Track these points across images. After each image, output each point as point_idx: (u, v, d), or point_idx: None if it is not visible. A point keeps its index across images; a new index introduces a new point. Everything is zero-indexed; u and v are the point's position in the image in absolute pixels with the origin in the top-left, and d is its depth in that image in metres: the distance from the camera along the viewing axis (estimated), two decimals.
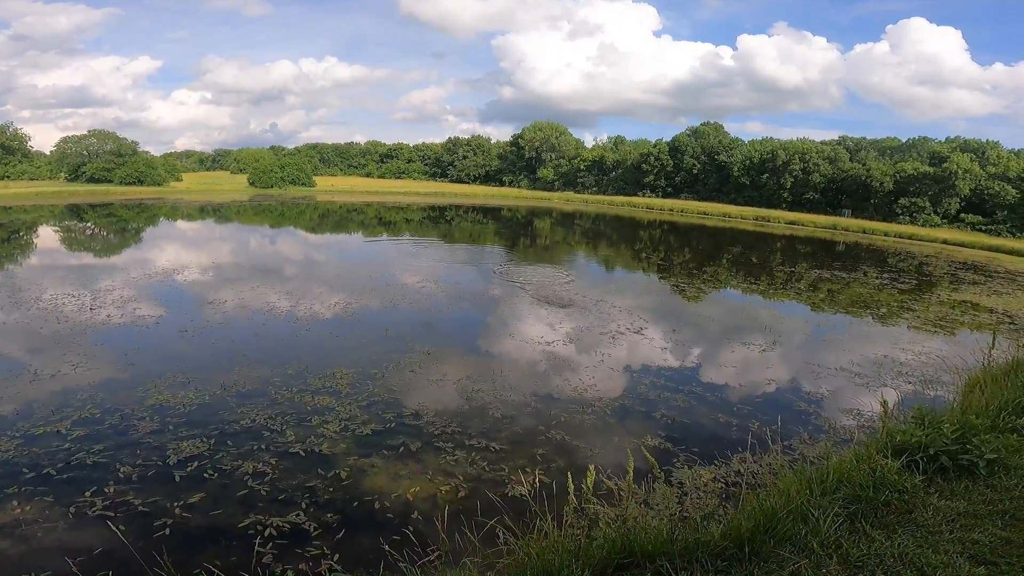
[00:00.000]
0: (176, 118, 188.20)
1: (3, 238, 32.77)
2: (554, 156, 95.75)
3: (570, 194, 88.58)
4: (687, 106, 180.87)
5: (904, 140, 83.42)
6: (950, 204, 62.52)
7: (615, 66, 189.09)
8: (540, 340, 14.54)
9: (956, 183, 61.09)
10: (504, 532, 5.17)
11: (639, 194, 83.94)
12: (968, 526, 4.65)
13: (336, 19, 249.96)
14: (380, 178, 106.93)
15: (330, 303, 17.71)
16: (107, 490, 7.33)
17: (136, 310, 15.92)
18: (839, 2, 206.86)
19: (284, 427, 9.19)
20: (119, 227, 41.48)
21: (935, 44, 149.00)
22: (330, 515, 7.03)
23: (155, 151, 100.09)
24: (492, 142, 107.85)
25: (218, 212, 54.36)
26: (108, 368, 11.58)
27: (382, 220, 53.04)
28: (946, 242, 49.38)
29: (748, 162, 77.08)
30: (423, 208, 66.53)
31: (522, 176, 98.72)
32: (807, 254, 40.04)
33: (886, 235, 53.76)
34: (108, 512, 6.89)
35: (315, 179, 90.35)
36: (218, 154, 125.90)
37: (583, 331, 15.59)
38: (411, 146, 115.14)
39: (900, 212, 63.85)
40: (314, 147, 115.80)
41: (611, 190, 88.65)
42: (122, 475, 7.69)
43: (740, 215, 64.27)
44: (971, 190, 61.60)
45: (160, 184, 75.23)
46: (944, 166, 61.54)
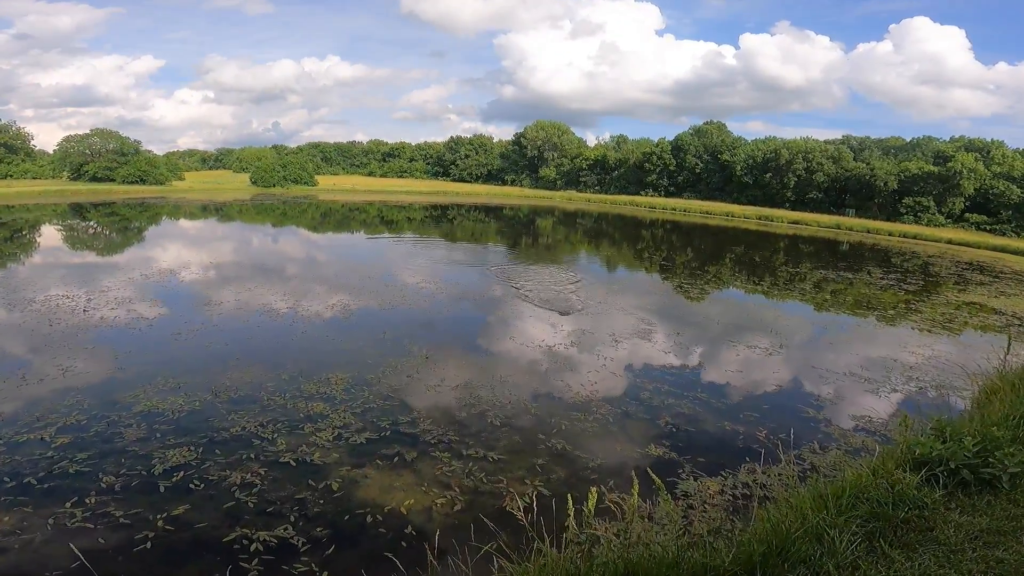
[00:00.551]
0: (179, 117, 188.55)
1: (5, 237, 32.55)
2: (556, 155, 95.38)
3: (572, 193, 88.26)
4: (689, 105, 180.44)
5: (908, 139, 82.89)
6: (954, 204, 62.02)
7: (617, 65, 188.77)
8: (540, 343, 14.24)
9: (960, 183, 60.60)
10: (499, 555, 4.85)
11: (642, 193, 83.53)
12: (991, 543, 4.37)
13: (338, 18, 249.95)
14: (382, 177, 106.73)
15: (328, 304, 17.43)
16: (88, 501, 7.03)
17: (131, 311, 15.64)
18: (842, 1, 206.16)
19: (275, 435, 8.89)
20: (120, 226, 41.26)
21: (938, 43, 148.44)
22: (320, 529, 6.74)
23: (158, 150, 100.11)
24: (494, 141, 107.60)
25: (220, 211, 54.14)
26: (97, 372, 11.29)
27: (384, 219, 52.76)
28: (951, 242, 48.95)
29: (751, 161, 76.64)
30: (425, 207, 66.26)
31: (524, 175, 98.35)
32: (811, 254, 39.68)
33: (890, 235, 53.36)
34: (88, 524, 6.60)
35: (317, 178, 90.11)
36: (220, 153, 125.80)
37: (584, 334, 15.27)
38: (413, 145, 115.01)
39: (904, 212, 63.40)
40: (316, 146, 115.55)
41: (613, 189, 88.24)
42: (105, 485, 7.40)
43: (743, 214, 63.87)
44: (976, 190, 61.11)
45: (162, 183, 75.09)
46: (948, 165, 61.05)
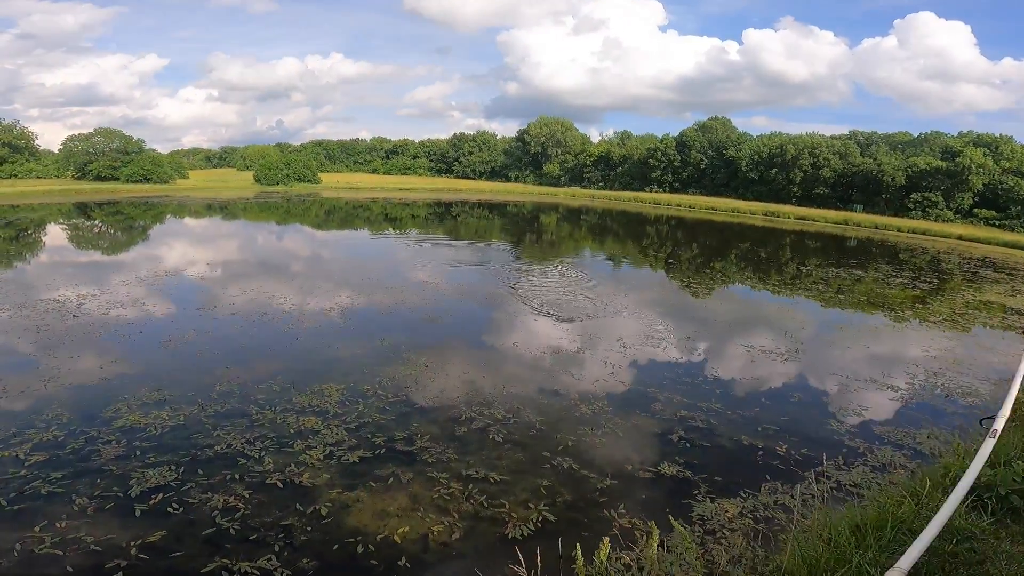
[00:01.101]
0: (183, 116, 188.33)
1: (11, 236, 32.11)
2: (560, 151, 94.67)
3: (576, 189, 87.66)
4: (693, 101, 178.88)
5: (916, 135, 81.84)
6: (963, 199, 61.19)
7: (620, 61, 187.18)
8: (545, 351, 13.66)
9: (969, 178, 59.78)
10: None
11: (646, 189, 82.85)
12: None
13: (341, 15, 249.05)
14: (386, 174, 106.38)
15: (326, 308, 16.92)
16: (59, 525, 6.57)
17: (121, 317, 15.16)
18: None
19: (263, 453, 8.37)
20: (124, 225, 40.84)
21: (943, 38, 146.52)
22: (306, 560, 6.23)
23: (162, 148, 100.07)
24: (498, 137, 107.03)
25: (223, 210, 53.75)
26: (81, 383, 10.77)
27: (388, 216, 52.20)
28: (960, 238, 48.17)
29: (756, 157, 75.87)
30: (428, 204, 65.80)
31: (528, 172, 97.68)
32: (818, 250, 39.02)
33: (899, 230, 52.57)
34: (56, 550, 6.15)
35: (320, 176, 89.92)
36: (225, 151, 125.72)
37: (590, 340, 14.69)
38: (416, 142, 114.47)
39: (912, 207, 62.57)
40: (319, 144, 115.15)
41: (618, 185, 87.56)
42: (77, 508, 6.93)
43: (749, 210, 63.20)
44: (984, 185, 60.30)
45: (166, 181, 75.17)
46: (957, 161, 60.20)
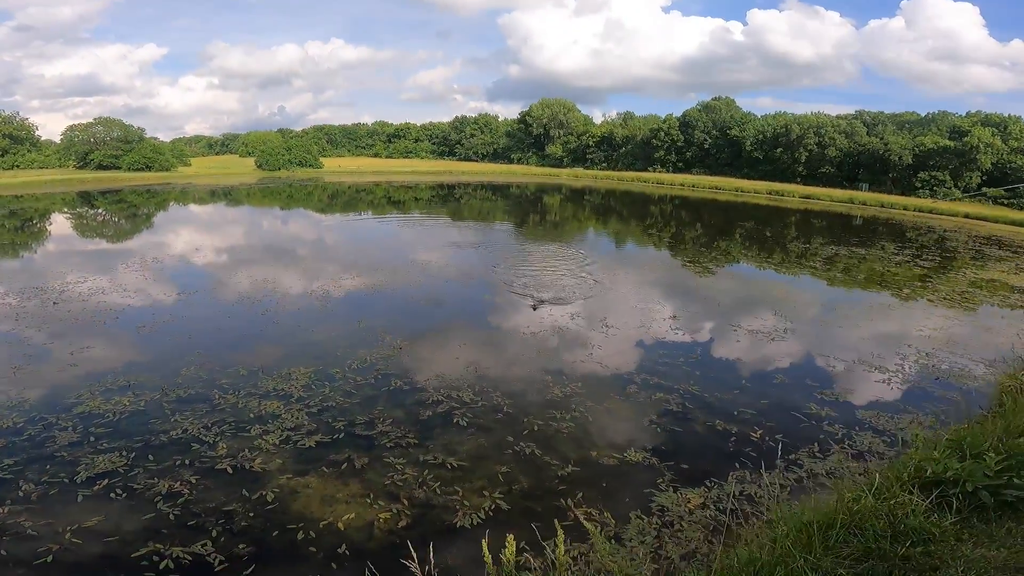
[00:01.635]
0: (184, 104, 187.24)
1: (16, 226, 31.86)
2: (562, 133, 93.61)
3: (579, 170, 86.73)
4: (697, 82, 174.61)
5: (923, 114, 79.93)
6: (971, 178, 59.97)
7: (623, 42, 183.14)
8: (528, 332, 13.28)
9: (978, 157, 58.54)
10: None
11: (649, 169, 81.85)
12: None
13: (340, 1, 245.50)
14: (388, 158, 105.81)
15: (307, 290, 16.62)
16: (1, 510, 6.47)
17: (100, 303, 14.90)
18: None
19: (218, 439, 8.12)
20: (123, 213, 40.62)
21: (951, 20, 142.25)
22: (242, 546, 6.03)
23: (165, 137, 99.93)
24: (500, 120, 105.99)
25: (225, 195, 53.40)
26: (49, 371, 10.57)
27: (391, 200, 51.62)
28: (967, 216, 47.10)
29: (761, 136, 74.61)
30: (431, 187, 65.27)
31: (530, 153, 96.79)
32: (823, 228, 38.25)
33: (905, 209, 51.55)
34: None
35: (322, 160, 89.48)
36: (227, 138, 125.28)
37: (574, 319, 14.31)
38: (418, 125, 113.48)
39: (920, 186, 61.42)
40: (321, 129, 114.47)
41: (621, 166, 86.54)
42: (22, 493, 6.81)
43: (753, 189, 62.21)
44: (993, 164, 59.06)
45: (168, 169, 75.31)
46: (965, 140, 58.97)
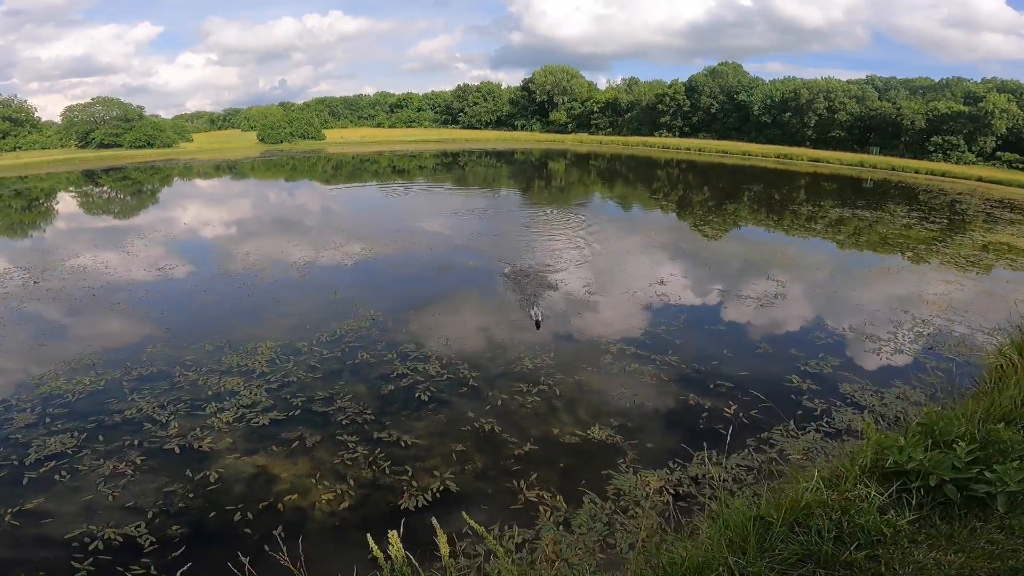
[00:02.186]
0: (184, 81, 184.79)
1: (22, 206, 31.52)
2: (566, 99, 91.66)
3: (584, 136, 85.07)
4: (703, 48, 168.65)
5: (937, 80, 77.29)
6: (986, 142, 58.23)
7: (627, 7, 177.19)
8: (509, 301, 12.84)
9: (992, 122, 56.77)
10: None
11: (655, 134, 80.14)
12: None
13: None
14: (391, 128, 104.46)
15: (286, 262, 16.23)
16: None
17: (80, 281, 14.53)
18: None
19: (171, 417, 7.85)
20: (123, 190, 40.28)
21: None
22: (176, 527, 5.81)
23: (167, 114, 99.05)
24: (503, 87, 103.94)
25: (226, 169, 52.63)
26: (16, 351, 10.35)
27: (395, 168, 50.83)
28: (981, 179, 45.69)
29: (769, 101, 72.63)
30: (435, 155, 64.32)
31: (534, 120, 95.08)
32: (832, 191, 37.19)
33: (917, 172, 50.06)
34: None
35: (325, 132, 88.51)
36: (228, 113, 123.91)
37: (560, 288, 13.80)
38: (420, 95, 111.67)
39: (932, 150, 59.74)
40: (322, 101, 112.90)
41: (626, 131, 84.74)
42: None
43: (761, 153, 60.76)
44: (1008, 129, 57.26)
45: (170, 145, 75.25)
46: (980, 106, 57.18)
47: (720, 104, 77.26)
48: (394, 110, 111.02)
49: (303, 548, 4.70)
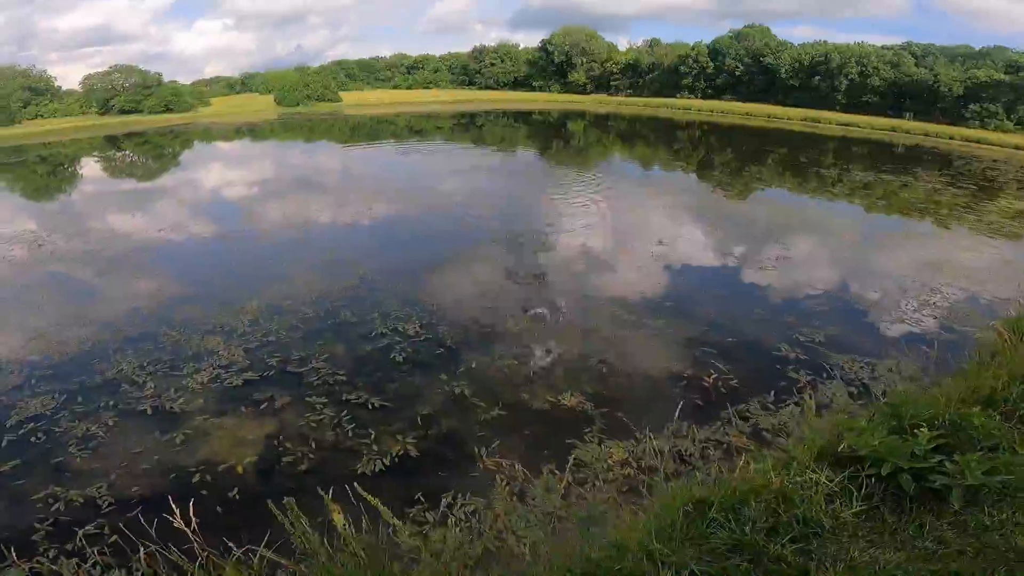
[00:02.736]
0: (201, 47, 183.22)
1: (48, 171, 31.75)
2: (585, 60, 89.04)
3: (603, 96, 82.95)
4: (729, 10, 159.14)
5: (978, 48, 73.18)
6: None
7: None
8: (499, 261, 12.53)
9: None
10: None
11: (677, 96, 77.68)
12: None
13: None
14: (407, 89, 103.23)
15: (286, 221, 16.15)
16: None
17: (83, 244, 14.56)
18: None
19: (148, 378, 7.84)
20: (152, 153, 40.46)
21: None
22: (135, 488, 5.80)
23: (186, 80, 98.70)
24: (520, 48, 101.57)
25: (245, 132, 52.51)
26: (11, 314, 10.39)
27: (412, 129, 50.17)
28: (1018, 148, 43.38)
29: (797, 65, 69.63)
30: (453, 116, 63.38)
31: (552, 81, 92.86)
32: (861, 155, 35.70)
33: (951, 139, 47.76)
34: None
35: (341, 94, 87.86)
36: (246, 78, 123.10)
37: (559, 247, 13.48)
38: (437, 57, 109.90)
39: (969, 117, 56.95)
40: (339, 64, 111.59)
41: (646, 93, 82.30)
42: None
43: (787, 116, 58.59)
44: None
45: (188, 110, 75.85)
46: (1021, 75, 54.27)
47: (745, 67, 74.37)
48: (411, 72, 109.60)
49: (248, 513, 4.64)
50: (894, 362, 7.46)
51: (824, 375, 7.39)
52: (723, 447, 5.71)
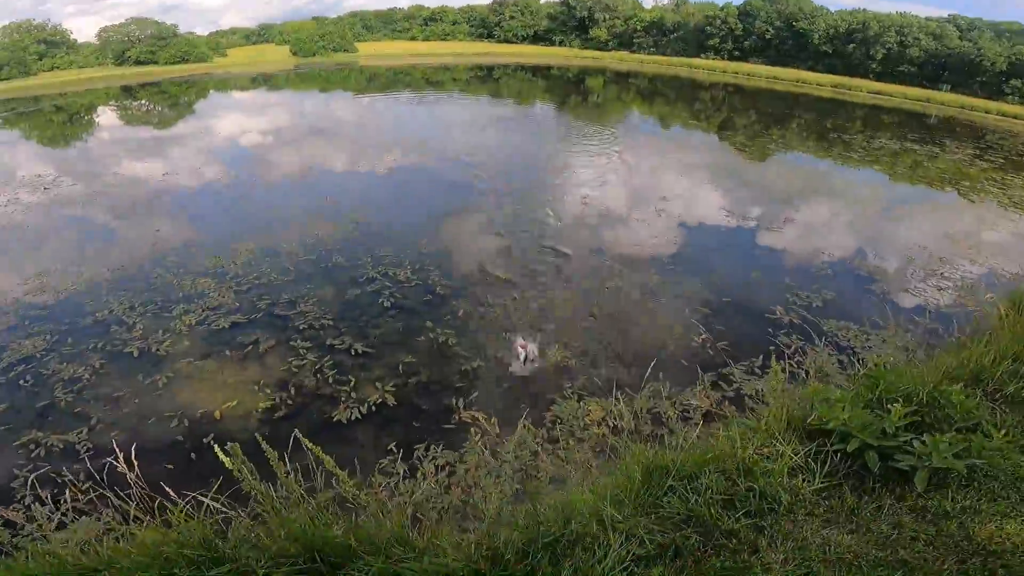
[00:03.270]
0: None
1: (64, 120, 31.55)
2: (608, 16, 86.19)
3: (624, 54, 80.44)
4: None
5: None
6: None
7: None
8: (498, 211, 12.40)
9: None
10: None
11: (701, 56, 75.13)
12: None
13: None
14: (425, 41, 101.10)
15: (292, 167, 16.01)
16: None
17: (87, 188, 14.59)
18: None
19: (138, 320, 7.85)
20: (163, 102, 40.16)
21: None
22: (115, 433, 5.78)
23: (203, 31, 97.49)
24: (541, 2, 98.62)
25: (261, 82, 51.87)
26: (12, 255, 10.42)
27: (428, 80, 49.04)
28: None
29: (832, 31, 66.69)
30: (470, 68, 62.04)
31: (573, 36, 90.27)
32: (891, 124, 34.39)
33: (987, 112, 45.75)
34: None
35: (358, 45, 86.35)
36: (262, 28, 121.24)
37: (562, 200, 13.19)
38: (455, 9, 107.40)
39: (1010, 92, 54.52)
40: (356, 15, 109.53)
41: (670, 52, 79.68)
42: None
43: (816, 81, 56.46)
44: None
45: (204, 61, 75.22)
46: None
47: (776, 30, 71.53)
48: (428, 23, 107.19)
49: (218, 460, 4.60)
50: (888, 332, 7.22)
51: (816, 342, 7.18)
52: (701, 411, 5.57)
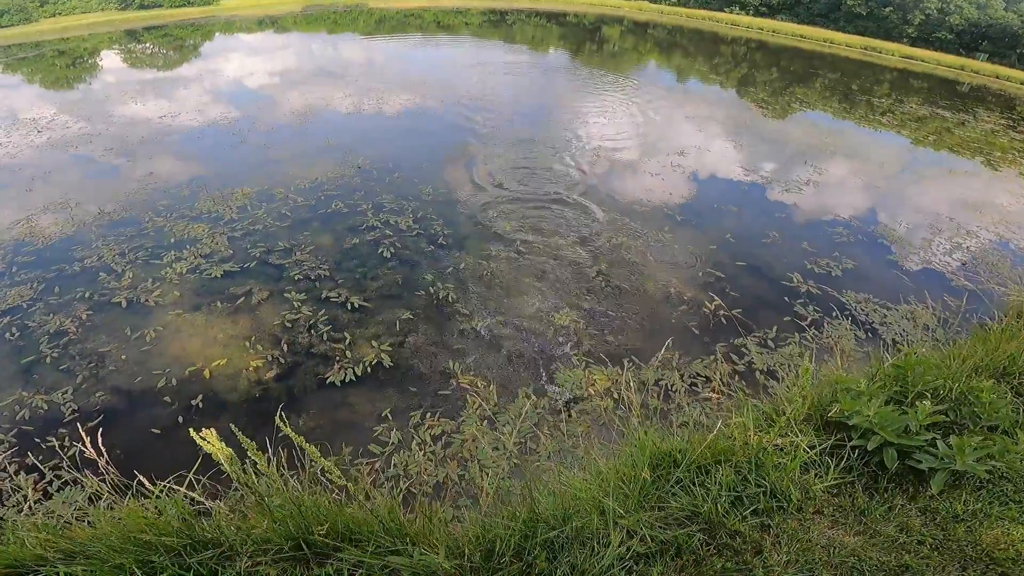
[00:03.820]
0: None
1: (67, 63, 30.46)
2: None
3: (644, 3, 77.31)
4: None
5: None
6: None
7: None
8: (504, 158, 11.96)
9: None
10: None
11: (726, 10, 72.00)
12: None
13: None
14: None
15: (295, 110, 15.39)
16: None
17: (84, 130, 13.92)
18: None
19: (127, 267, 7.57)
20: (167, 45, 38.81)
21: None
22: (100, 394, 5.57)
23: None
24: None
25: (267, 24, 49.85)
26: (4, 197, 10.02)
27: (440, 24, 47.28)
28: None
29: None
30: (482, 12, 59.70)
31: None
32: (920, 89, 32.99)
33: (1022, 83, 43.80)
34: None
35: None
36: None
37: (572, 151, 12.66)
38: None
39: None
40: None
41: (693, 4, 76.48)
42: None
43: (845, 42, 54.04)
44: None
45: (210, 3, 72.81)
46: None
47: None
48: None
49: (207, 424, 4.39)
50: (910, 309, 6.86)
51: (833, 314, 6.84)
52: (710, 385, 5.30)
